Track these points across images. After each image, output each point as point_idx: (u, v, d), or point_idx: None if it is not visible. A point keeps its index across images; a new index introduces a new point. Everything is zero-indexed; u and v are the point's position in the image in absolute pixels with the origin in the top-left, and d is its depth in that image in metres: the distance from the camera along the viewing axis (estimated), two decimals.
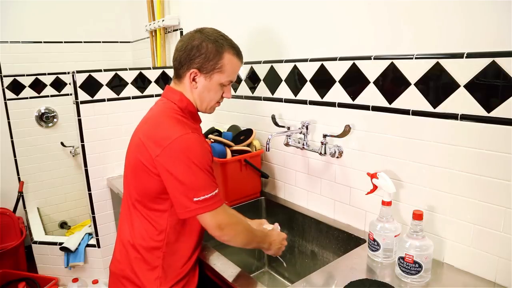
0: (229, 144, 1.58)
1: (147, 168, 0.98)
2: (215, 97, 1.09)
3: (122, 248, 1.10)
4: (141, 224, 1.05)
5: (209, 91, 1.07)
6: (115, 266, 1.11)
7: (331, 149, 1.32)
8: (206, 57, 1.02)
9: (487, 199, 0.94)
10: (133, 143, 1.06)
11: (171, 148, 0.94)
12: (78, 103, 1.84)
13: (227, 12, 1.79)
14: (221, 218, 0.99)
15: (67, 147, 2.83)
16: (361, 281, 0.96)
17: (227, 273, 1.07)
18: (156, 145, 0.96)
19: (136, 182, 1.04)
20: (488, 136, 0.91)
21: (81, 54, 2.83)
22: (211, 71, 1.04)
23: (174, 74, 1.10)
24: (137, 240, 1.05)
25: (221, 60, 1.03)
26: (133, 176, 1.05)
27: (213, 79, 1.05)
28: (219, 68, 1.04)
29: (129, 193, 1.08)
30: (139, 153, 1.01)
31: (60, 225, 2.90)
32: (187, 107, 1.07)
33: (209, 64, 1.03)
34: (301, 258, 1.50)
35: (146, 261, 1.05)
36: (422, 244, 0.95)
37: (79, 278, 2.09)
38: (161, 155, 0.95)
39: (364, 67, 1.19)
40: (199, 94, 1.07)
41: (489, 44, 0.89)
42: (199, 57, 1.02)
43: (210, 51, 1.02)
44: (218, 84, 1.06)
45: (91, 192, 1.97)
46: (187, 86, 1.06)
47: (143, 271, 1.05)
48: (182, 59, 1.04)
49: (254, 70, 1.66)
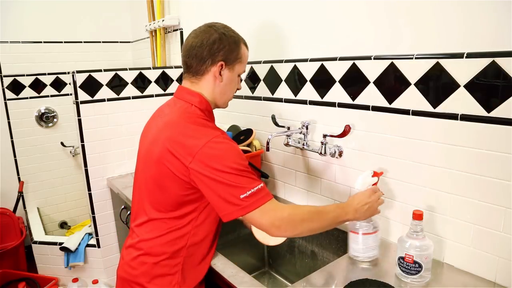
0: None
1: (177, 177, 0.95)
2: (234, 89, 1.11)
3: (136, 254, 1.06)
4: (161, 230, 1.02)
5: (231, 83, 1.08)
6: (127, 272, 1.07)
7: (331, 149, 1.32)
8: (230, 48, 1.03)
9: (487, 199, 0.94)
10: (154, 149, 1.00)
11: (203, 153, 0.91)
12: (78, 103, 1.84)
13: (227, 12, 1.79)
14: (273, 214, 0.91)
15: (67, 147, 2.83)
16: (361, 281, 0.96)
17: (227, 273, 1.07)
18: (187, 152, 0.92)
19: (161, 191, 1.00)
20: (488, 136, 0.91)
21: (81, 54, 2.82)
22: (233, 62, 1.06)
23: (191, 72, 1.06)
24: (157, 246, 1.03)
25: (240, 50, 1.06)
26: (157, 184, 1.01)
27: (235, 70, 1.07)
28: (240, 58, 1.07)
29: (143, 198, 1.05)
30: (166, 162, 0.96)
31: (60, 225, 2.90)
32: (206, 108, 1.06)
33: (233, 55, 1.04)
34: (301, 258, 1.50)
35: (166, 267, 1.02)
36: (422, 244, 0.95)
37: (79, 278, 2.09)
38: (194, 161, 0.91)
39: (364, 67, 1.19)
40: (223, 87, 1.07)
41: (489, 44, 0.89)
42: (223, 50, 1.02)
43: (231, 42, 1.04)
44: (237, 75, 1.09)
45: (91, 192, 1.97)
46: (210, 81, 1.05)
47: (161, 277, 1.03)
48: (204, 55, 1.02)
49: (254, 70, 1.66)
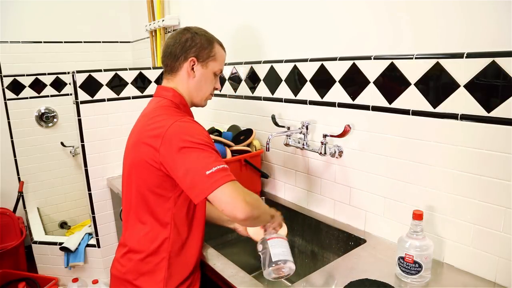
0: (229, 144, 1.58)
1: (149, 164, 0.97)
2: (210, 87, 1.14)
3: (124, 251, 1.08)
4: (144, 226, 1.04)
5: (205, 80, 1.11)
6: (117, 269, 1.10)
7: (331, 149, 1.32)
8: (201, 45, 1.08)
9: (487, 199, 0.94)
10: (129, 145, 1.07)
11: (169, 134, 0.93)
12: (78, 103, 1.84)
13: (227, 12, 1.79)
14: (242, 191, 0.90)
15: (67, 147, 2.83)
16: (361, 281, 0.96)
17: (227, 273, 1.07)
18: (155, 137, 0.96)
19: (138, 181, 1.03)
20: (488, 136, 0.91)
21: (81, 54, 2.83)
22: (206, 59, 1.09)
23: (166, 70, 1.12)
24: (140, 243, 1.04)
25: (214, 49, 1.10)
26: (133, 176, 1.04)
27: (208, 67, 1.10)
28: (213, 56, 1.10)
29: (129, 196, 1.07)
30: (138, 152, 1.01)
31: (60, 225, 2.90)
32: (181, 102, 1.09)
33: (205, 52, 1.09)
34: (301, 258, 1.50)
35: (150, 263, 1.03)
36: (422, 244, 0.95)
37: (79, 278, 2.09)
38: (163, 144, 0.94)
39: (364, 67, 1.19)
40: (197, 83, 1.10)
41: (489, 44, 0.89)
42: (194, 47, 1.08)
43: (203, 41, 1.09)
44: (212, 73, 1.12)
45: (91, 192, 1.97)
46: (183, 78, 1.09)
47: (147, 274, 1.03)
48: (177, 52, 1.08)
49: (254, 70, 1.66)
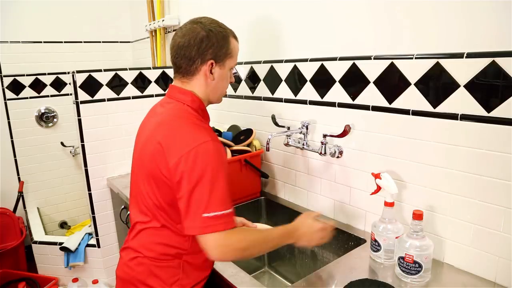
0: (229, 144, 1.58)
1: (165, 177, 0.92)
2: (226, 84, 1.07)
3: (133, 255, 1.03)
4: (157, 233, 1.00)
5: (223, 79, 1.04)
6: (125, 272, 1.05)
7: (331, 149, 1.32)
8: (218, 45, 0.99)
9: (487, 199, 0.94)
10: (147, 148, 0.97)
11: (189, 155, 0.87)
12: (78, 103, 1.83)
13: (226, 12, 1.79)
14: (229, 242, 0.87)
15: (67, 147, 2.83)
16: (361, 281, 0.96)
17: (227, 273, 1.07)
18: (174, 152, 0.89)
19: (154, 192, 0.97)
20: (488, 136, 0.91)
21: (81, 54, 2.82)
22: (224, 58, 1.01)
23: (181, 72, 1.01)
24: (155, 249, 1.00)
25: (230, 45, 1.01)
26: (151, 184, 0.98)
27: (226, 66, 1.02)
28: (230, 54, 1.02)
29: (141, 200, 1.02)
30: (157, 161, 0.93)
31: (60, 225, 2.90)
32: (199, 107, 1.02)
33: (222, 51, 1.00)
34: (301, 258, 1.50)
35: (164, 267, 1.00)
36: (422, 244, 0.95)
37: (79, 278, 2.09)
38: (178, 163, 0.87)
39: (364, 67, 1.19)
40: (215, 85, 1.03)
41: (489, 44, 0.89)
42: (211, 48, 0.98)
43: (219, 39, 0.99)
44: (228, 71, 1.05)
45: (91, 192, 1.97)
46: (201, 81, 1.01)
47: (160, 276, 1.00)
48: (192, 55, 0.98)
49: (254, 70, 1.66)
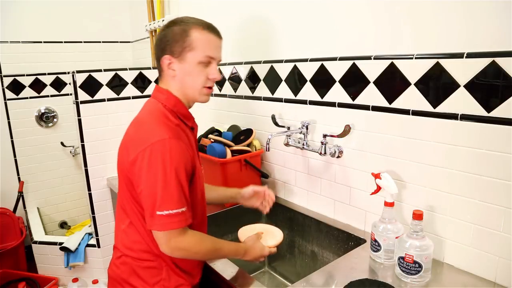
0: (229, 144, 1.58)
1: (128, 173, 0.96)
2: (198, 79, 1.01)
3: (118, 254, 1.06)
4: (136, 232, 1.02)
5: (189, 74, 1.01)
6: (113, 270, 1.08)
7: (331, 149, 1.32)
8: (173, 39, 0.99)
9: (487, 199, 0.94)
10: (120, 148, 1.04)
11: (145, 152, 0.90)
12: (78, 103, 1.84)
13: (226, 12, 1.79)
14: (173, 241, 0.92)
15: (67, 147, 2.83)
16: (361, 281, 0.96)
17: (227, 273, 1.07)
18: (133, 149, 0.93)
19: (126, 187, 1.00)
20: (488, 136, 0.91)
21: (81, 54, 2.82)
22: (181, 52, 0.99)
23: (158, 72, 1.07)
24: (134, 250, 1.02)
25: (188, 38, 0.98)
26: (122, 181, 1.02)
27: (187, 59, 0.99)
28: (188, 46, 0.98)
29: (123, 197, 1.05)
30: (123, 157, 0.98)
31: (60, 225, 2.90)
32: (175, 106, 1.03)
33: (177, 45, 0.99)
34: (301, 258, 1.50)
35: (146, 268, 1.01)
36: (422, 244, 0.95)
37: (79, 278, 2.09)
38: (136, 159, 0.91)
39: (364, 67, 1.19)
40: (181, 81, 1.02)
41: (489, 44, 0.89)
42: (167, 44, 1.00)
43: (175, 33, 0.99)
44: (196, 64, 1.00)
45: (91, 192, 1.97)
46: (168, 78, 1.03)
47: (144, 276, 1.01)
48: (157, 53, 1.04)
49: (254, 70, 1.66)
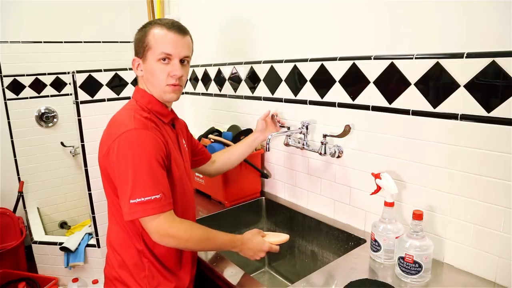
0: (229, 144, 1.58)
1: (104, 167, 0.99)
2: (159, 77, 1.03)
3: (109, 251, 1.09)
4: (119, 229, 1.03)
5: (151, 73, 1.04)
6: (106, 269, 1.10)
7: (331, 149, 1.32)
8: (138, 41, 1.05)
9: (487, 199, 0.94)
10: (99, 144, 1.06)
11: (115, 143, 0.93)
12: (78, 103, 1.83)
13: (227, 12, 1.79)
14: (169, 228, 0.93)
15: (67, 147, 2.83)
16: (361, 281, 0.96)
17: (227, 273, 1.07)
18: (105, 142, 0.97)
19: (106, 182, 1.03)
20: (488, 136, 0.91)
21: (81, 54, 2.82)
22: (143, 52, 1.04)
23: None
24: (120, 241, 1.04)
25: (146, 38, 1.03)
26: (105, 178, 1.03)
27: (148, 59, 1.03)
28: (147, 46, 1.03)
29: (106, 194, 1.06)
30: (100, 152, 1.01)
31: (60, 225, 2.90)
32: (149, 103, 1.06)
33: (140, 46, 1.04)
34: (301, 258, 1.50)
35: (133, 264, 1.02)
36: (422, 244, 0.95)
37: (79, 278, 2.09)
38: (108, 152, 0.94)
39: (364, 67, 1.19)
40: (147, 80, 1.06)
41: (489, 44, 0.89)
42: (135, 46, 1.07)
43: (139, 36, 1.05)
44: (155, 62, 1.02)
45: (91, 192, 1.96)
46: (140, 78, 1.09)
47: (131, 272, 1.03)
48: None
49: (254, 70, 1.66)
